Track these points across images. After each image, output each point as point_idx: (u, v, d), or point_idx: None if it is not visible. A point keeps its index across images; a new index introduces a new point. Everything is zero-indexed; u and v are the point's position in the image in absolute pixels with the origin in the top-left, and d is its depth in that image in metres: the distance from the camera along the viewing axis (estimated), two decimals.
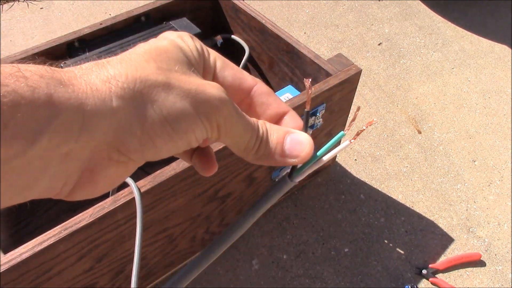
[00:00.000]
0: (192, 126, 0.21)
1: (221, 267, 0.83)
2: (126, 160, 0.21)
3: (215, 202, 0.71)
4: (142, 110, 0.19)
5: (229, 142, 0.23)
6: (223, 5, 0.92)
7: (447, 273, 0.84)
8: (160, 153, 0.21)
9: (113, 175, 0.21)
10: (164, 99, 0.20)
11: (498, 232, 0.90)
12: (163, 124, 0.20)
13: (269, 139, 0.24)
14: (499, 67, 1.27)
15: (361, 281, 0.82)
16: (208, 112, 0.21)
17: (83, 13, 1.35)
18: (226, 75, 0.25)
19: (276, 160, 0.24)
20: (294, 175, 0.25)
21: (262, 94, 0.26)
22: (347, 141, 0.24)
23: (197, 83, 0.21)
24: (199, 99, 0.21)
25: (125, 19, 0.82)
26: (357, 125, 1.08)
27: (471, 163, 1.02)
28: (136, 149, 0.20)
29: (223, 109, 0.21)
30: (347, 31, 1.34)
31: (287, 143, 0.24)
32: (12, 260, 0.50)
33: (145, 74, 0.20)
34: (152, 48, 0.21)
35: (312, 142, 0.25)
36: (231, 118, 0.22)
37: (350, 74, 0.74)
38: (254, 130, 0.23)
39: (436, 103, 1.15)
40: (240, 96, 0.25)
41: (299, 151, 0.24)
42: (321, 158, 0.25)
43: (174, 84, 0.20)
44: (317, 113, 0.74)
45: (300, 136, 0.24)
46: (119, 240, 0.60)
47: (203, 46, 0.24)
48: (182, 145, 0.21)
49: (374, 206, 0.93)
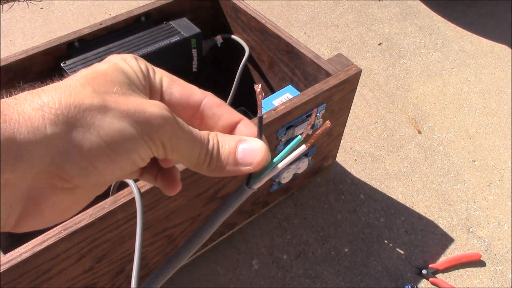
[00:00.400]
0: (134, 146, 0.20)
1: (221, 267, 0.83)
2: (71, 187, 0.20)
3: (215, 202, 0.71)
4: (78, 134, 0.19)
5: (179, 158, 0.23)
6: (223, 5, 0.92)
7: (447, 273, 0.85)
8: (105, 176, 0.21)
9: (60, 203, 0.21)
10: (101, 122, 0.20)
11: (498, 232, 0.90)
12: (101, 147, 0.20)
13: (221, 151, 0.24)
14: (499, 67, 1.27)
15: (361, 281, 0.82)
16: (149, 131, 0.21)
17: (83, 13, 1.35)
18: (173, 92, 0.25)
19: (230, 170, 0.24)
20: (252, 182, 0.25)
21: (213, 106, 0.25)
22: (303, 146, 0.24)
23: (136, 103, 0.21)
24: (139, 118, 0.21)
25: (125, 19, 0.82)
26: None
27: (471, 163, 1.02)
28: (78, 174, 0.20)
29: (166, 126, 0.21)
30: (347, 31, 1.34)
31: (239, 152, 0.24)
32: (12, 260, 0.50)
33: (79, 98, 0.20)
34: (90, 72, 0.21)
35: (265, 148, 0.24)
36: (175, 135, 0.22)
37: (350, 74, 0.74)
38: (203, 144, 0.23)
39: (436, 103, 1.15)
40: (190, 111, 0.25)
41: (252, 158, 0.24)
42: (277, 165, 0.24)
43: (110, 106, 0.20)
44: (317, 113, 0.74)
45: (252, 144, 0.24)
46: (119, 240, 0.60)
47: (148, 65, 0.24)
48: (126, 166, 0.21)
49: (374, 206, 0.93)
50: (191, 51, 0.86)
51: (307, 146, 0.24)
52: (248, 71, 0.96)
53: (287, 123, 0.70)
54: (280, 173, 0.80)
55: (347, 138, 1.05)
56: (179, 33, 0.84)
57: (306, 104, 0.70)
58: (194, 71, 0.89)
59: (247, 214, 0.83)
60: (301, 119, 0.73)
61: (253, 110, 0.95)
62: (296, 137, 0.24)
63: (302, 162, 0.82)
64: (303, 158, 0.82)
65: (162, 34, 0.83)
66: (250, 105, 0.98)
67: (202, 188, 0.66)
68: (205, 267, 0.83)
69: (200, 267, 0.82)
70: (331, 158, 0.94)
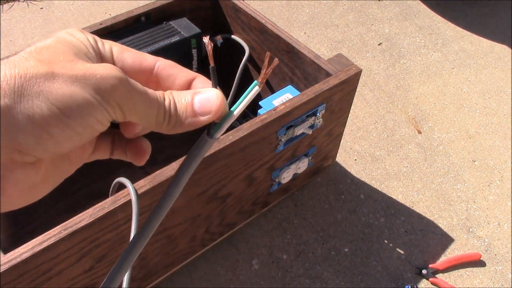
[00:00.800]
0: (89, 109, 0.20)
1: (221, 267, 0.83)
2: (32, 160, 0.20)
3: (215, 202, 0.71)
4: (27, 104, 0.19)
5: (138, 119, 0.23)
6: (223, 5, 0.92)
7: (447, 273, 0.85)
8: (62, 144, 0.20)
9: (25, 180, 0.21)
10: (49, 88, 0.20)
11: (498, 232, 0.90)
12: (53, 113, 0.20)
13: (178, 106, 0.24)
14: (499, 67, 1.27)
15: (361, 281, 0.82)
16: (103, 93, 0.21)
17: (83, 13, 1.35)
18: (125, 58, 0.25)
19: (190, 123, 0.24)
20: (213, 132, 0.25)
21: (166, 67, 0.26)
22: (256, 87, 0.24)
23: (86, 67, 0.21)
24: (90, 81, 0.20)
25: (125, 19, 0.82)
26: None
27: (471, 163, 1.02)
28: (34, 144, 0.20)
29: (119, 87, 0.21)
30: (347, 31, 1.34)
31: (196, 103, 0.24)
32: (12, 260, 0.50)
33: (24, 68, 0.20)
34: (34, 47, 0.21)
35: (221, 95, 0.25)
36: (131, 95, 0.22)
37: (350, 74, 0.74)
38: (160, 103, 0.23)
39: (436, 103, 1.15)
40: (144, 76, 0.26)
41: (209, 106, 0.24)
42: (236, 111, 0.25)
43: (58, 72, 0.20)
44: (317, 113, 0.74)
45: (207, 93, 0.25)
46: (119, 240, 0.60)
47: (96, 37, 0.24)
48: (84, 131, 0.21)
49: (374, 206, 0.93)
50: (191, 51, 0.86)
51: (259, 86, 0.24)
52: (248, 71, 0.96)
53: (287, 123, 0.70)
54: (280, 173, 0.80)
55: (347, 138, 1.05)
56: (179, 33, 0.84)
57: (306, 104, 0.70)
58: (194, 71, 0.89)
59: (247, 214, 0.83)
60: (301, 119, 0.73)
61: (253, 110, 0.95)
62: (253, 83, 0.25)
63: (302, 162, 0.82)
64: (303, 158, 0.82)
65: (162, 34, 0.83)
66: (250, 105, 0.98)
67: (202, 188, 0.66)
68: (205, 267, 0.83)
69: (200, 267, 0.82)
70: (331, 158, 0.94)
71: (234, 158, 0.66)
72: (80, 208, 0.55)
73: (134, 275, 0.68)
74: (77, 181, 0.88)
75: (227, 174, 0.68)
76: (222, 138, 0.63)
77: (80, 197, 0.86)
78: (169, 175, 0.58)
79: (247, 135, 0.64)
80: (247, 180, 0.73)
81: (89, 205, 0.54)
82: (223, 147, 0.62)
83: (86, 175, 0.89)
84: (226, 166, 0.66)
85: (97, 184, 0.87)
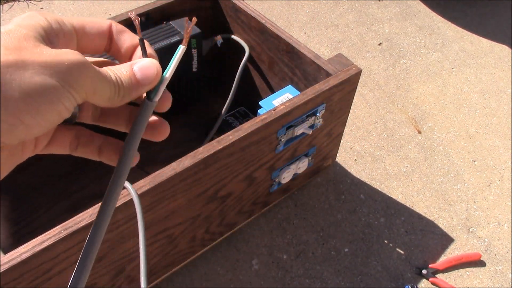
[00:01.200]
0: (58, 96, 0.21)
1: (221, 267, 0.83)
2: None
3: (215, 202, 0.71)
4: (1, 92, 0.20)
5: (96, 100, 0.24)
6: (223, 5, 0.92)
7: (447, 273, 0.85)
8: (32, 129, 0.21)
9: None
10: (22, 76, 0.20)
11: (498, 232, 0.90)
12: (26, 100, 0.20)
13: (123, 79, 0.25)
14: (499, 67, 1.27)
15: (361, 281, 0.82)
16: (71, 80, 0.22)
17: (83, 13, 1.35)
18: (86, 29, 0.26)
19: (136, 92, 0.25)
20: (152, 96, 0.27)
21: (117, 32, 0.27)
22: (181, 47, 0.27)
23: (53, 54, 0.22)
24: (59, 68, 0.21)
25: (125, 19, 0.82)
26: (357, 126, 1.08)
27: (471, 163, 1.02)
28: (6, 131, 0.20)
29: (86, 72, 0.22)
30: (347, 31, 1.35)
31: (136, 72, 0.25)
32: (12, 260, 0.50)
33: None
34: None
35: (156, 61, 0.26)
36: (95, 79, 0.23)
37: (350, 74, 0.74)
38: (111, 80, 0.24)
39: (436, 103, 1.16)
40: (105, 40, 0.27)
41: (150, 74, 0.26)
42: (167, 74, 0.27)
43: (28, 60, 0.21)
44: (317, 113, 0.74)
45: (144, 62, 0.26)
46: (119, 240, 0.60)
47: (57, 17, 0.25)
48: (52, 117, 0.22)
49: (374, 206, 0.93)
50: (191, 51, 0.86)
51: (184, 45, 0.27)
52: (248, 71, 0.96)
53: (287, 123, 0.70)
54: (280, 173, 0.80)
55: (347, 138, 1.05)
56: (179, 33, 0.84)
57: (306, 104, 0.70)
58: (194, 71, 0.89)
59: (247, 214, 0.83)
60: (301, 119, 0.73)
61: (253, 110, 0.95)
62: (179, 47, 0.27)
63: (302, 162, 0.82)
64: (303, 158, 0.82)
65: (162, 34, 0.83)
66: (250, 105, 0.98)
67: (202, 188, 0.66)
68: (205, 267, 0.83)
69: (200, 267, 0.82)
70: (331, 158, 0.94)
71: (234, 158, 0.66)
72: (80, 208, 0.55)
73: (134, 275, 0.68)
74: (77, 181, 0.88)
75: (227, 174, 0.68)
76: (222, 138, 0.63)
77: (80, 197, 0.86)
78: (169, 175, 0.58)
79: (247, 135, 0.64)
80: (247, 180, 0.73)
81: (89, 205, 0.54)
82: (223, 147, 0.62)
83: (86, 175, 0.89)
84: (226, 166, 0.66)
85: (97, 184, 0.87)
